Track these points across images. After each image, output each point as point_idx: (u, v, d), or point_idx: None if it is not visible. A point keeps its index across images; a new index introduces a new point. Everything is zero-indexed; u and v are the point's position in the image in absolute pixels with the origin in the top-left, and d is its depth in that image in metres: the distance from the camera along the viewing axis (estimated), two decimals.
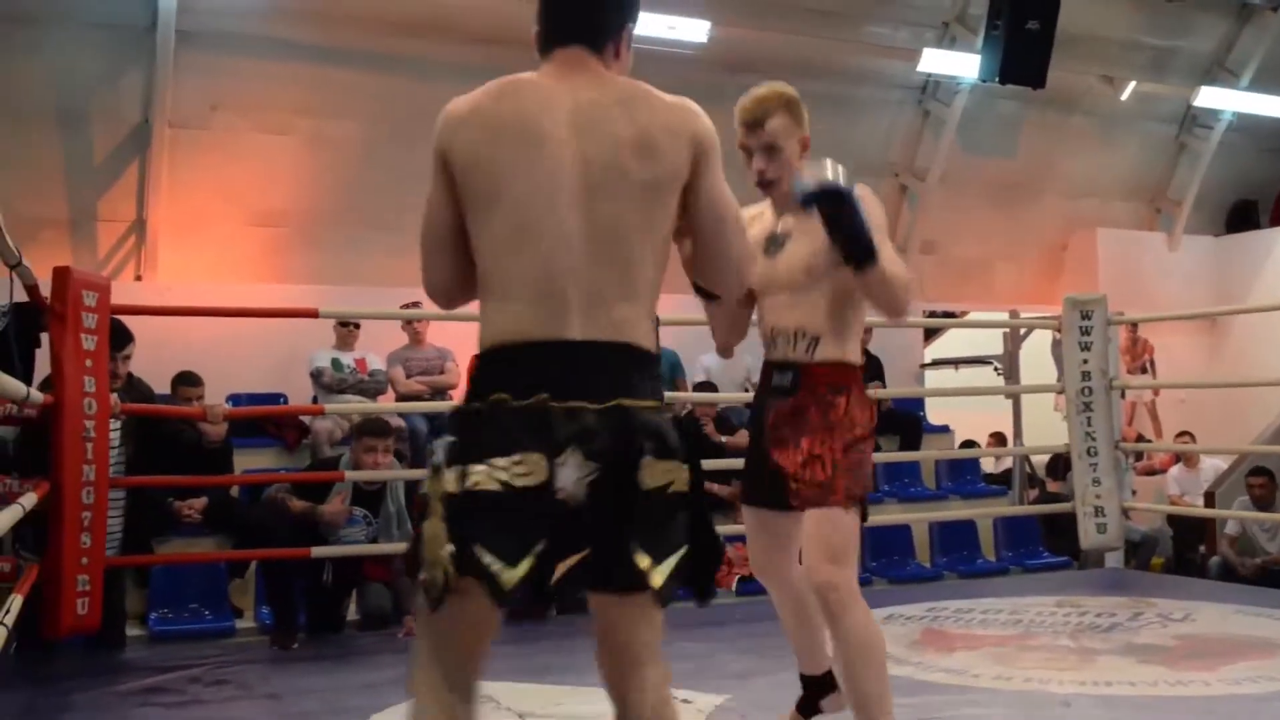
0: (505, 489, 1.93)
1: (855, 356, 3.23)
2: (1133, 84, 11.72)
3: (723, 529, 7.06)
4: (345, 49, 8.74)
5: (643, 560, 1.97)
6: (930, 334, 12.19)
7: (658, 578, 1.98)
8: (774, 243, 3.21)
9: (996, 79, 10.02)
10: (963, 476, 8.67)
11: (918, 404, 9.23)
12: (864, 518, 3.16)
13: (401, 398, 7.74)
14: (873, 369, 8.53)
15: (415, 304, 7.62)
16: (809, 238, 3.11)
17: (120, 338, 5.32)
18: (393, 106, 9.01)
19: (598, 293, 2.05)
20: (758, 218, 3.26)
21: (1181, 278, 12.17)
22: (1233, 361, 12.17)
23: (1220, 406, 10.95)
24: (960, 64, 10.44)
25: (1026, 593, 6.34)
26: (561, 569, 1.97)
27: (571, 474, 1.95)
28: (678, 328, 8.11)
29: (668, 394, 5.79)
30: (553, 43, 2.23)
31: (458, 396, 8.07)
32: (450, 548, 1.93)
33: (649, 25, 9.14)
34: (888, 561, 7.46)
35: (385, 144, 9.09)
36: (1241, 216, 13.32)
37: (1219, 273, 12.69)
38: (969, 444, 9.87)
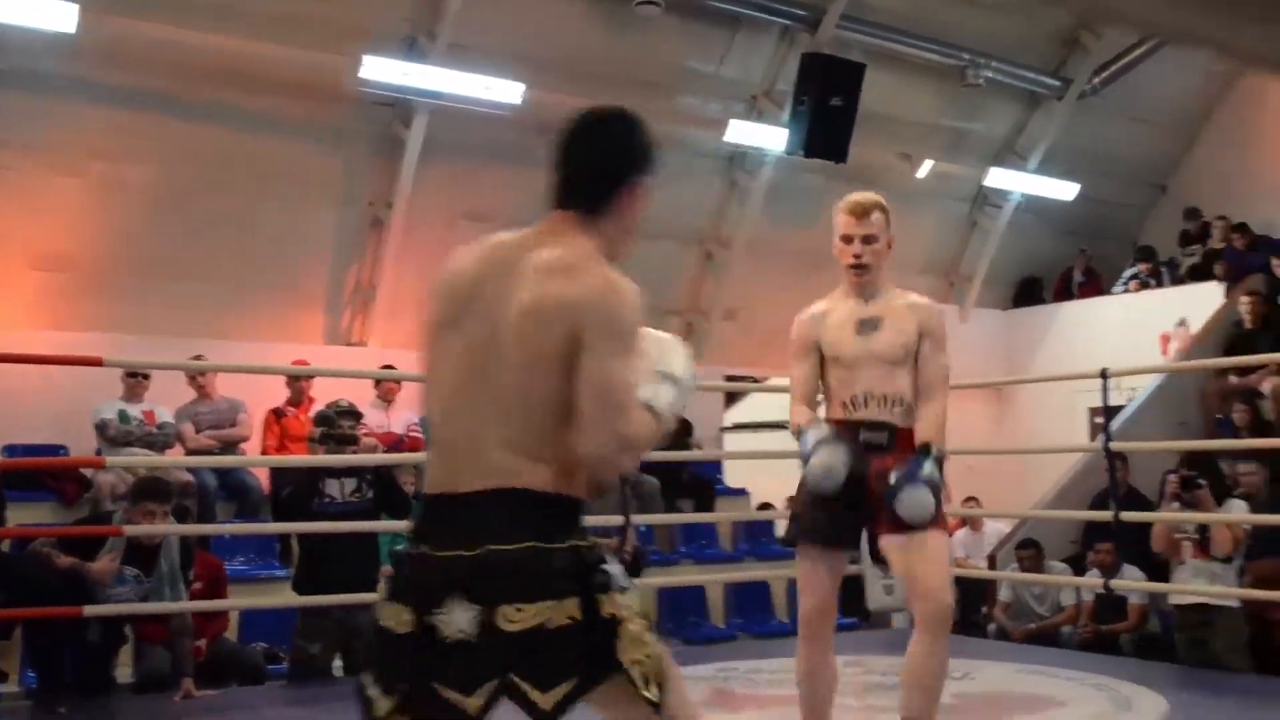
0: (389, 632, 2.17)
1: None
2: (929, 163, 12.24)
3: None
4: (148, 92, 8.48)
5: (531, 692, 2.13)
6: (731, 398, 12.39)
7: (547, 704, 2.13)
8: (867, 325, 3.85)
9: (801, 152, 10.34)
10: (758, 539, 8.80)
11: (715, 467, 9.37)
12: None
13: (191, 453, 7.50)
14: (684, 430, 8.61)
15: (199, 357, 7.42)
16: (899, 324, 3.84)
17: None
18: (196, 154, 8.81)
19: (482, 447, 2.20)
20: (830, 311, 3.94)
21: (972, 349, 12.64)
22: (1017, 430, 12.71)
23: (1005, 474, 11.39)
24: (767, 136, 10.76)
25: None
26: (480, 699, 2.13)
27: (461, 616, 2.11)
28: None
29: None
30: (551, 203, 2.37)
31: (250, 451, 7.86)
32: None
33: (466, 85, 9.18)
34: (682, 622, 7.51)
35: (187, 191, 8.88)
36: (1027, 292, 14.01)
37: (1006, 345, 13.29)
38: (766, 507, 10.03)
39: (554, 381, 2.21)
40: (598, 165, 2.37)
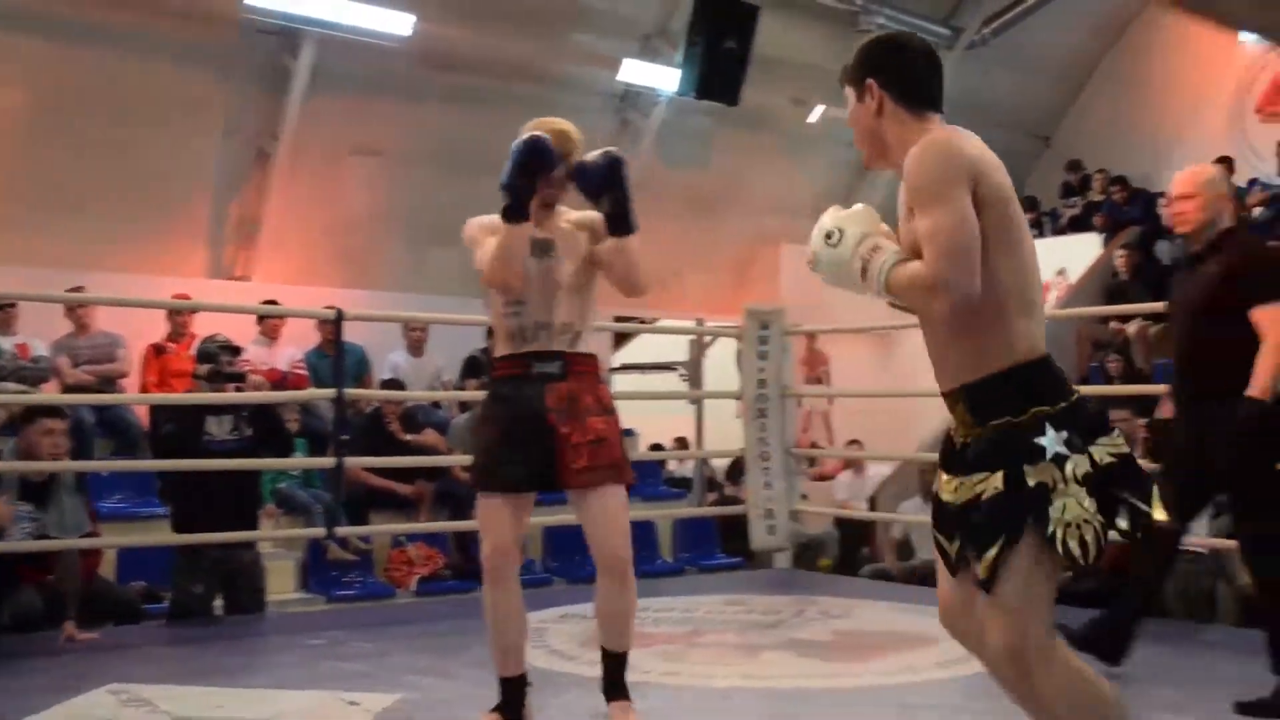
0: (1118, 457, 2.44)
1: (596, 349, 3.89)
2: (821, 108, 12.31)
3: (403, 527, 6.96)
4: (14, 11, 8.16)
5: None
6: (620, 339, 12.40)
7: None
8: (542, 248, 3.61)
9: (694, 93, 10.32)
10: (645, 479, 8.85)
11: None
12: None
13: (68, 389, 7.29)
14: None
15: (80, 288, 7.17)
16: (576, 246, 3.67)
17: None
18: (68, 77, 8.51)
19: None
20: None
21: (858, 295, 12.81)
22: (902, 375, 12.92)
23: (889, 417, 11.59)
24: (659, 76, 10.71)
25: (700, 592, 6.51)
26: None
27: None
28: (366, 325, 8.04)
29: (352, 391, 5.68)
30: (934, 107, 2.62)
31: (129, 386, 7.67)
32: (1095, 513, 2.38)
33: (354, 14, 8.97)
34: (568, 562, 7.53)
35: (58, 116, 8.57)
36: None
37: None
38: (656, 448, 10.10)
39: None
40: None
